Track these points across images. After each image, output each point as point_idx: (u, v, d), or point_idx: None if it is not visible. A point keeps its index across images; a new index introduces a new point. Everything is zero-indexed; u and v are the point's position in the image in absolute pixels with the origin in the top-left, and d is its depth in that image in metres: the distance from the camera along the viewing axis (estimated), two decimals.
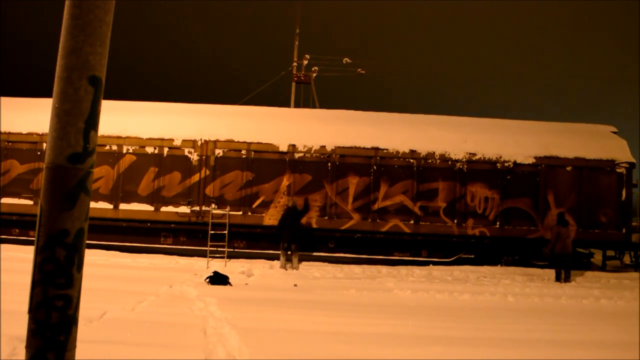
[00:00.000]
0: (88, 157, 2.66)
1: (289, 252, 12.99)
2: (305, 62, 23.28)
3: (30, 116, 14.69)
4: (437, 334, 6.44)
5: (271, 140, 14.34)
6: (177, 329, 6.09)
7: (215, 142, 14.31)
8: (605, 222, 14.38)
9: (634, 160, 14.56)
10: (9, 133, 14.57)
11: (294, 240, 12.97)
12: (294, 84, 23.33)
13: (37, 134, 14.44)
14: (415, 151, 14.40)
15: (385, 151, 14.35)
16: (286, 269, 12.67)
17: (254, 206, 14.24)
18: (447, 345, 5.91)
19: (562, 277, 12.44)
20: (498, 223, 14.29)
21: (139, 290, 8.70)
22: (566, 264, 12.53)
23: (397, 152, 14.38)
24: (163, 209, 14.22)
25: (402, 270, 13.12)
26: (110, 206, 14.20)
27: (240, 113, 15.41)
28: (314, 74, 23.10)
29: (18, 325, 3.96)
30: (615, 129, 15.71)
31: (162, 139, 14.35)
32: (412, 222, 14.25)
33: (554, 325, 7.32)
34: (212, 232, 13.17)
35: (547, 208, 14.32)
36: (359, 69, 24.22)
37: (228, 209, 13.65)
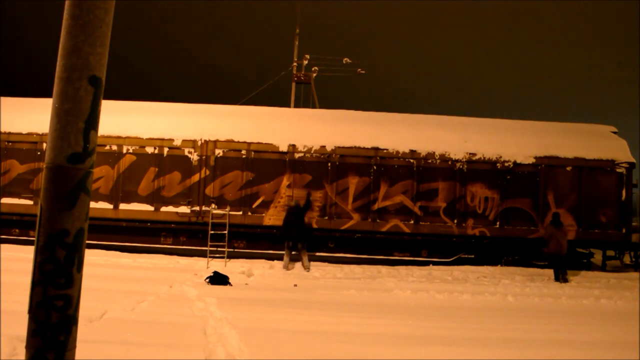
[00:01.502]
0: (88, 157, 2.66)
1: (294, 252, 12.94)
2: (305, 62, 23.26)
3: (30, 116, 14.68)
4: (437, 334, 6.44)
5: (271, 140, 14.34)
6: (177, 329, 6.09)
7: (215, 142, 14.30)
8: (605, 222, 14.37)
9: (634, 160, 14.55)
10: (9, 133, 14.56)
11: (300, 239, 12.89)
12: (294, 84, 23.31)
13: (37, 134, 14.43)
14: (415, 151, 14.39)
15: (385, 151, 14.35)
16: (288, 269, 12.61)
17: (254, 206, 14.23)
18: (447, 345, 5.91)
19: (561, 277, 12.43)
20: (498, 223, 14.29)
21: (139, 290, 8.70)
22: (562, 264, 12.52)
23: (397, 152, 14.37)
24: (163, 209, 14.21)
25: (402, 270, 13.11)
26: (110, 206, 14.19)
27: (240, 113, 15.40)
28: (314, 74, 23.09)
29: (18, 325, 3.96)
30: (615, 129, 15.70)
31: (162, 139, 14.34)
32: (412, 222, 14.25)
33: (554, 325, 7.33)
34: (212, 232, 13.17)
35: (547, 208, 14.31)
36: (359, 69, 24.22)
37: (228, 209, 13.64)
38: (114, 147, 14.31)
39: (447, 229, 14.26)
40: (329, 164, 14.26)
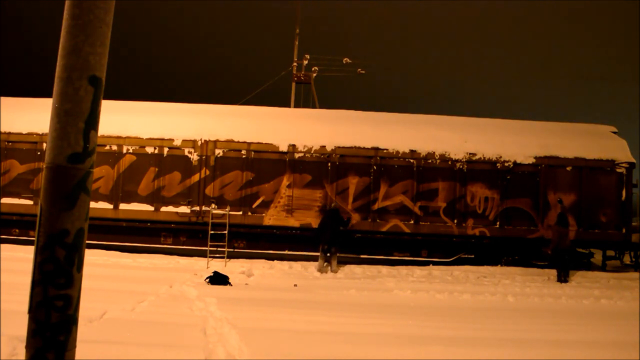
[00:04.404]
0: (88, 157, 2.66)
1: (328, 255, 12.81)
2: (305, 62, 23.21)
3: (30, 116, 14.68)
4: (437, 334, 6.44)
5: (271, 140, 14.33)
6: (177, 329, 6.10)
7: (215, 142, 14.30)
8: (605, 222, 14.37)
9: (634, 160, 14.55)
10: (9, 133, 14.55)
11: (334, 243, 12.76)
12: (294, 84, 23.28)
13: (37, 134, 14.43)
14: (415, 151, 14.39)
15: (385, 151, 14.34)
16: (322, 272, 12.45)
17: (254, 206, 14.23)
18: (447, 345, 5.91)
19: (562, 276, 12.44)
20: (498, 223, 14.28)
21: (139, 290, 8.71)
22: (565, 264, 12.53)
23: (397, 152, 14.37)
24: (163, 209, 14.21)
25: (402, 270, 13.11)
26: (110, 206, 14.19)
27: (240, 113, 15.40)
28: (314, 74, 23.05)
29: (18, 325, 3.96)
30: (615, 129, 15.70)
31: (162, 139, 14.34)
32: (412, 222, 14.24)
33: (554, 325, 7.33)
34: (212, 232, 13.17)
35: (547, 208, 14.31)
36: (359, 69, 24.17)
37: (228, 209, 13.64)
38: (114, 147, 14.30)
39: (447, 229, 14.26)
40: (329, 164, 14.26)
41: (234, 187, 14.28)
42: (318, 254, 13.06)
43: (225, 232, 13.19)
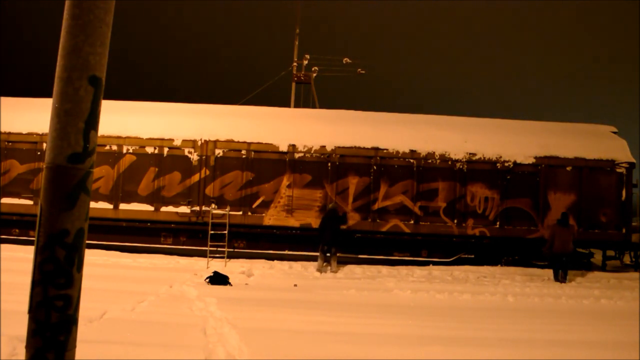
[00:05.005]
0: (88, 157, 2.66)
1: (328, 255, 12.85)
2: (305, 62, 23.21)
3: (30, 116, 14.68)
4: (437, 334, 6.44)
5: (271, 140, 14.33)
6: (177, 329, 6.10)
7: (215, 142, 14.30)
8: (605, 222, 14.36)
9: (634, 160, 14.55)
10: (9, 133, 14.55)
11: (334, 243, 12.81)
12: (294, 84, 23.28)
13: (37, 134, 14.43)
14: (415, 151, 14.39)
15: (385, 151, 14.35)
16: (321, 272, 12.45)
17: (254, 206, 14.23)
18: (447, 345, 5.91)
19: (560, 277, 12.42)
20: (498, 223, 14.28)
21: (139, 290, 8.71)
22: (564, 264, 12.50)
23: (397, 152, 14.37)
24: (163, 209, 14.21)
25: (402, 270, 13.11)
26: (110, 206, 14.19)
27: (240, 113, 15.40)
28: (314, 74, 23.05)
29: (18, 325, 3.97)
30: (615, 129, 15.70)
31: (162, 139, 14.33)
32: (412, 222, 14.24)
33: (554, 325, 7.33)
34: (212, 232, 13.17)
35: (547, 208, 14.31)
36: (359, 69, 24.17)
37: (228, 209, 13.64)
38: (114, 147, 14.30)
39: (447, 229, 14.26)
40: (329, 164, 14.26)
41: (234, 187, 14.28)
42: (318, 254, 13.05)
43: (225, 232, 13.19)
